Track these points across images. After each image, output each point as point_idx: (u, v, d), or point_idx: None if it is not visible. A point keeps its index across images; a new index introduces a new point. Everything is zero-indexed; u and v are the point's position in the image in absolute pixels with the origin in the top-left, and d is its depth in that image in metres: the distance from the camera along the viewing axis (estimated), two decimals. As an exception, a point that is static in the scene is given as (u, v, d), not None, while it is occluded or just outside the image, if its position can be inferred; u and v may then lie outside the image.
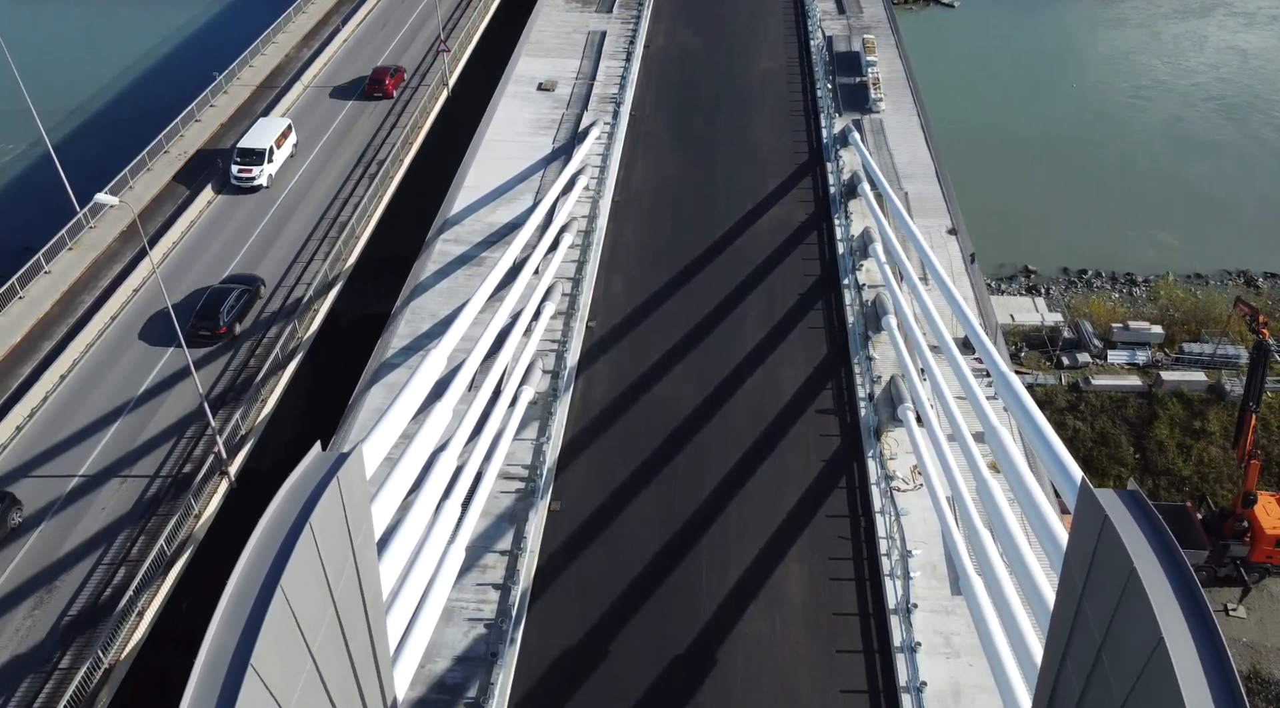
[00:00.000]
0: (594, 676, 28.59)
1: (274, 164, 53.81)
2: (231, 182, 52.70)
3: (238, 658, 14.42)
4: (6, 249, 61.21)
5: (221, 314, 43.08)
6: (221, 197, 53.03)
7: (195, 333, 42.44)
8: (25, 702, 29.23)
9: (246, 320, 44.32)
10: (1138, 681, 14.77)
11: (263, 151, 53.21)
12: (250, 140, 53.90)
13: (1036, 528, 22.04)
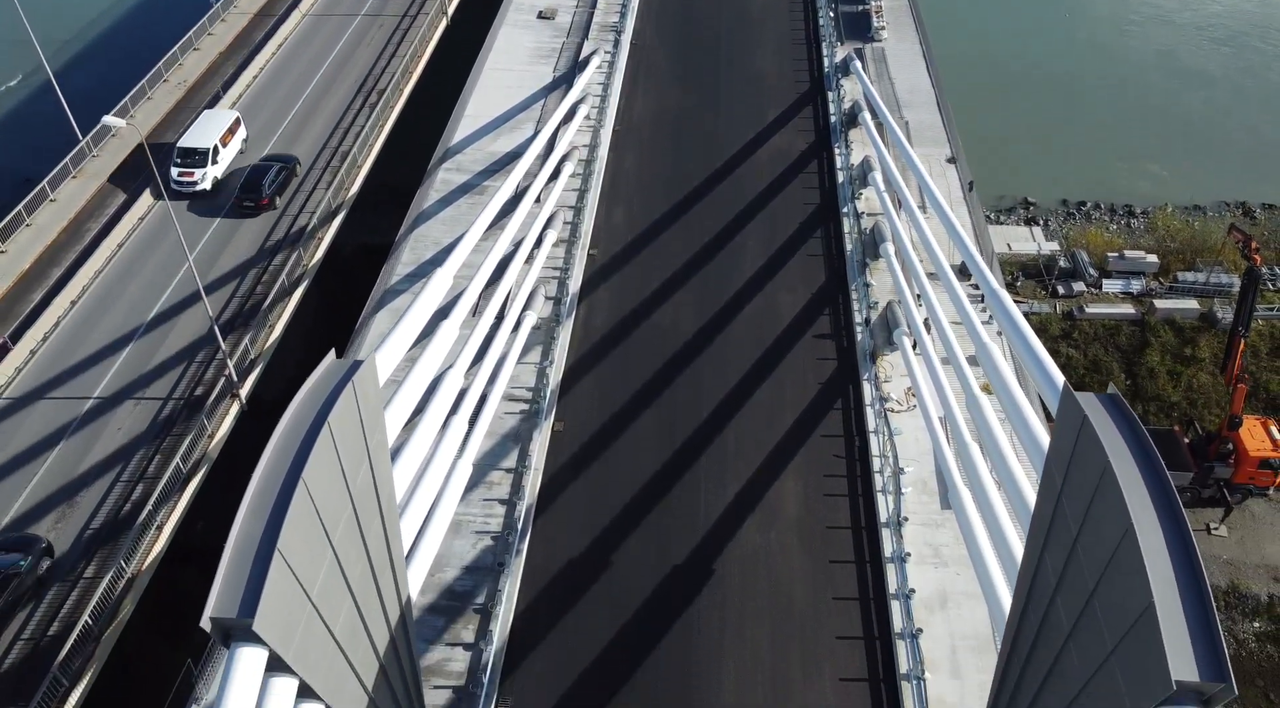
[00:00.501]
0: (596, 584, 29.86)
1: (219, 165, 48.01)
2: (172, 186, 46.57)
3: (265, 544, 15.37)
4: (8, 181, 61.44)
5: (264, 186, 46.51)
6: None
7: (240, 205, 46.48)
8: (53, 608, 30.58)
9: (286, 194, 47.64)
10: (1107, 567, 15.75)
11: (206, 151, 47.44)
12: (192, 138, 48.04)
13: (1025, 442, 22.88)
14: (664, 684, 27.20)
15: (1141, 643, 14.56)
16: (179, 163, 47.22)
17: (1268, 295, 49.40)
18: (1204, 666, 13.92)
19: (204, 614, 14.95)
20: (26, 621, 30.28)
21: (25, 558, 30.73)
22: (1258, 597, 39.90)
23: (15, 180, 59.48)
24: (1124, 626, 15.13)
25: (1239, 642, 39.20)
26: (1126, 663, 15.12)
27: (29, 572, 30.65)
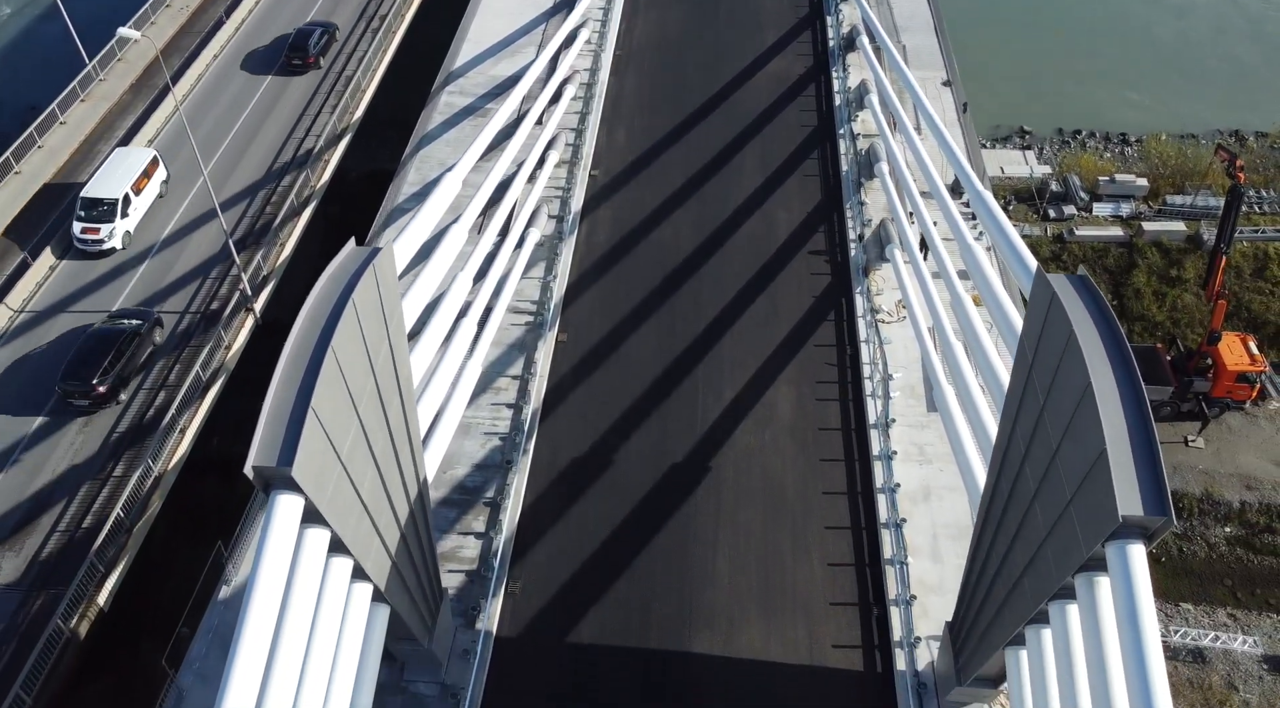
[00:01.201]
0: (599, 480, 31.53)
1: (131, 218, 41.16)
2: (75, 245, 40.28)
3: (300, 402, 16.86)
4: (9, 109, 61.99)
5: (310, 46, 51.38)
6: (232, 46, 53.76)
7: (289, 63, 51.35)
8: (85, 503, 32.33)
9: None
10: (1069, 424, 17.27)
11: (114, 202, 40.40)
12: (98, 187, 40.74)
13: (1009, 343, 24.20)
14: (661, 568, 28.99)
15: (1095, 486, 16.16)
16: (82, 217, 40.16)
17: (1254, 218, 50.50)
18: (1148, 502, 15.54)
19: (247, 464, 16.51)
20: (62, 513, 32.08)
21: (143, 324, 36.74)
22: (1230, 503, 41.75)
23: (19, 108, 60.10)
24: (1081, 474, 16.70)
25: (1210, 545, 41.17)
26: (1082, 508, 16.72)
27: (147, 334, 36.68)
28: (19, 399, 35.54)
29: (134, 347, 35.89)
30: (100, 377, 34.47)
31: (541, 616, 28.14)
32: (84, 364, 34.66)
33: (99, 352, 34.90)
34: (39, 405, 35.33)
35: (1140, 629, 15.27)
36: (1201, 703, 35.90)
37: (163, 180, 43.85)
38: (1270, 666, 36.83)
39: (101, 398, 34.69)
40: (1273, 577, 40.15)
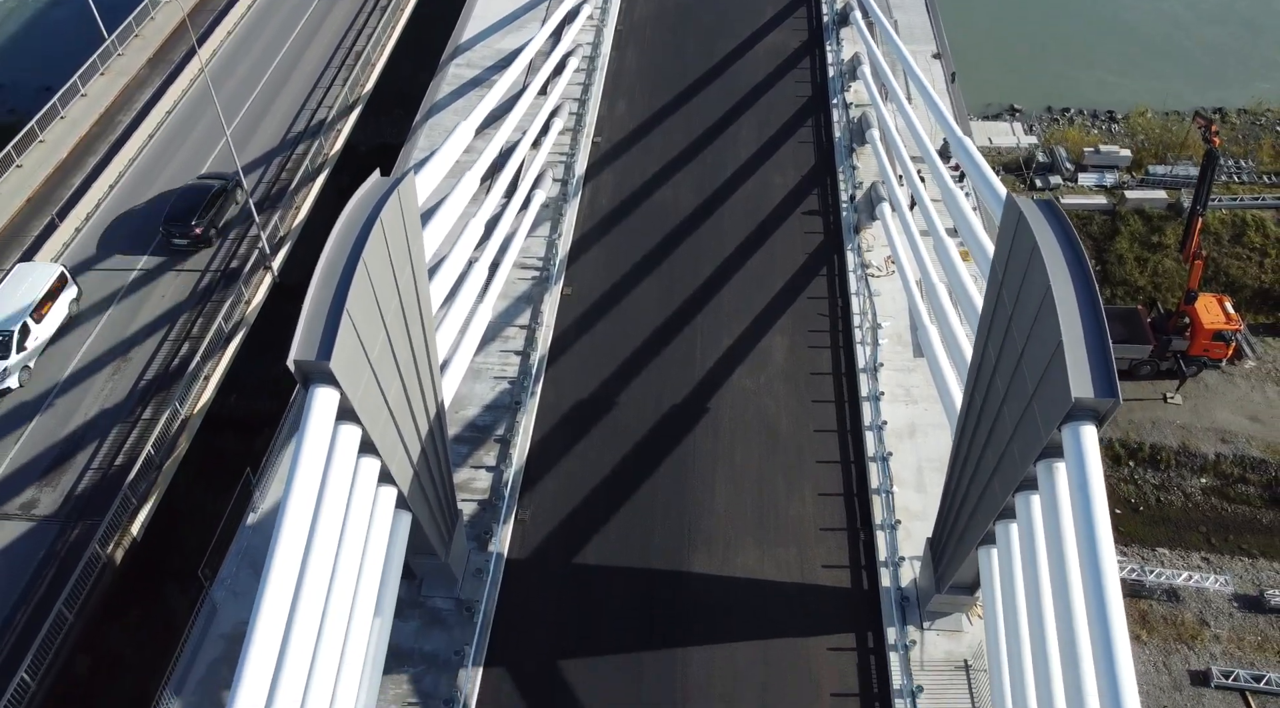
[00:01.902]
0: (603, 421, 33.32)
1: (27, 351, 35.11)
2: None
3: (335, 304, 18.69)
4: (27, 89, 63.72)
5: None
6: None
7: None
8: (116, 443, 34.11)
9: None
10: (1033, 326, 19.07)
11: (8, 335, 34.32)
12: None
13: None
14: (662, 499, 30.80)
15: (1052, 377, 18.01)
16: None
17: (1233, 187, 52.30)
18: (1098, 385, 17.37)
19: (289, 358, 18.32)
20: (94, 453, 33.87)
21: (226, 182, 43.03)
22: (1205, 456, 43.55)
23: (34, 88, 61.78)
24: (1041, 369, 18.53)
25: (1186, 495, 43.00)
26: (1043, 398, 18.55)
27: (231, 191, 43.09)
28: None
29: (220, 201, 42.43)
30: (197, 220, 41.18)
31: (549, 541, 29.95)
32: (182, 212, 41.57)
33: (193, 204, 41.77)
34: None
35: (1091, 504, 17.05)
36: (1174, 638, 37.73)
37: (72, 298, 37.91)
38: (1240, 603, 38.66)
39: (198, 239, 41.35)
40: (1245, 524, 41.95)
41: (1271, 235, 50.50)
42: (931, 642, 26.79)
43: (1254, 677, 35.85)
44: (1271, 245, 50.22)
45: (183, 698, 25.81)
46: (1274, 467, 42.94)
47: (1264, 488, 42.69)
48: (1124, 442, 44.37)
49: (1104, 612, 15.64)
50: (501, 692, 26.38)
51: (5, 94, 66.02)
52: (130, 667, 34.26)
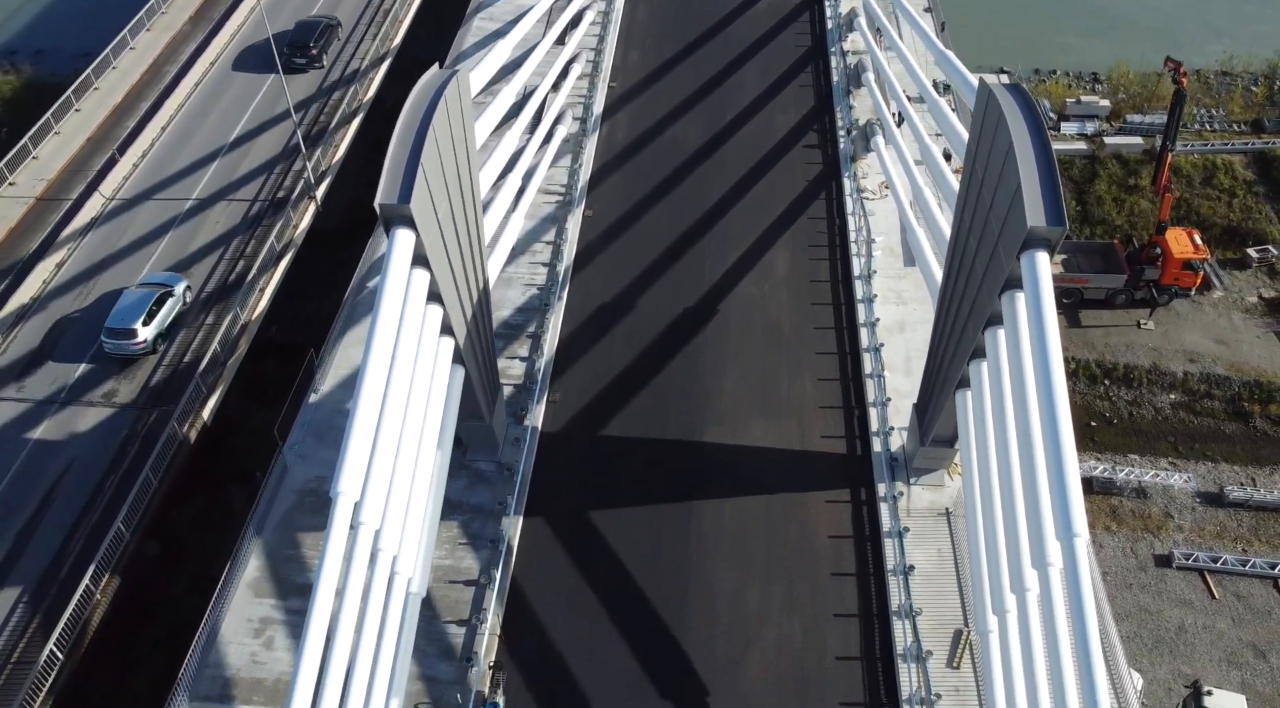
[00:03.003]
0: (623, 322, 36.95)
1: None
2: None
3: (412, 158, 22.37)
4: (66, 54, 67.18)
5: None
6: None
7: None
8: (184, 344, 37.79)
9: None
10: (998, 181, 22.70)
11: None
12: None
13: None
14: (677, 385, 34.43)
15: (1013, 216, 21.62)
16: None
17: (1205, 134, 55.93)
18: (1049, 216, 20.99)
19: (375, 201, 21.98)
20: (165, 351, 37.51)
21: (331, 20, 51.66)
22: (1175, 374, 47.12)
23: (75, 53, 65.27)
24: (1004, 211, 22.16)
25: (1156, 410, 46.58)
26: (1005, 237, 22.17)
27: (334, 29, 51.41)
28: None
29: (327, 34, 52.44)
30: (314, 43, 51.21)
31: (577, 417, 33.62)
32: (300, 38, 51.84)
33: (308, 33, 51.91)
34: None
35: (1044, 319, 20.65)
36: (1142, 528, 41.36)
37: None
38: (1201, 499, 42.25)
39: (313, 58, 52.49)
40: (1209, 434, 45.53)
41: (1239, 178, 54.13)
42: (917, 494, 30.47)
43: (1211, 558, 39.49)
44: (1239, 187, 53.85)
45: (262, 538, 29.46)
46: (1237, 383, 46.52)
47: (1227, 402, 46.29)
48: (1100, 363, 47.96)
49: (1055, 420, 19.14)
50: (539, 536, 30.05)
51: (45, 59, 69.39)
52: (192, 554, 37.88)
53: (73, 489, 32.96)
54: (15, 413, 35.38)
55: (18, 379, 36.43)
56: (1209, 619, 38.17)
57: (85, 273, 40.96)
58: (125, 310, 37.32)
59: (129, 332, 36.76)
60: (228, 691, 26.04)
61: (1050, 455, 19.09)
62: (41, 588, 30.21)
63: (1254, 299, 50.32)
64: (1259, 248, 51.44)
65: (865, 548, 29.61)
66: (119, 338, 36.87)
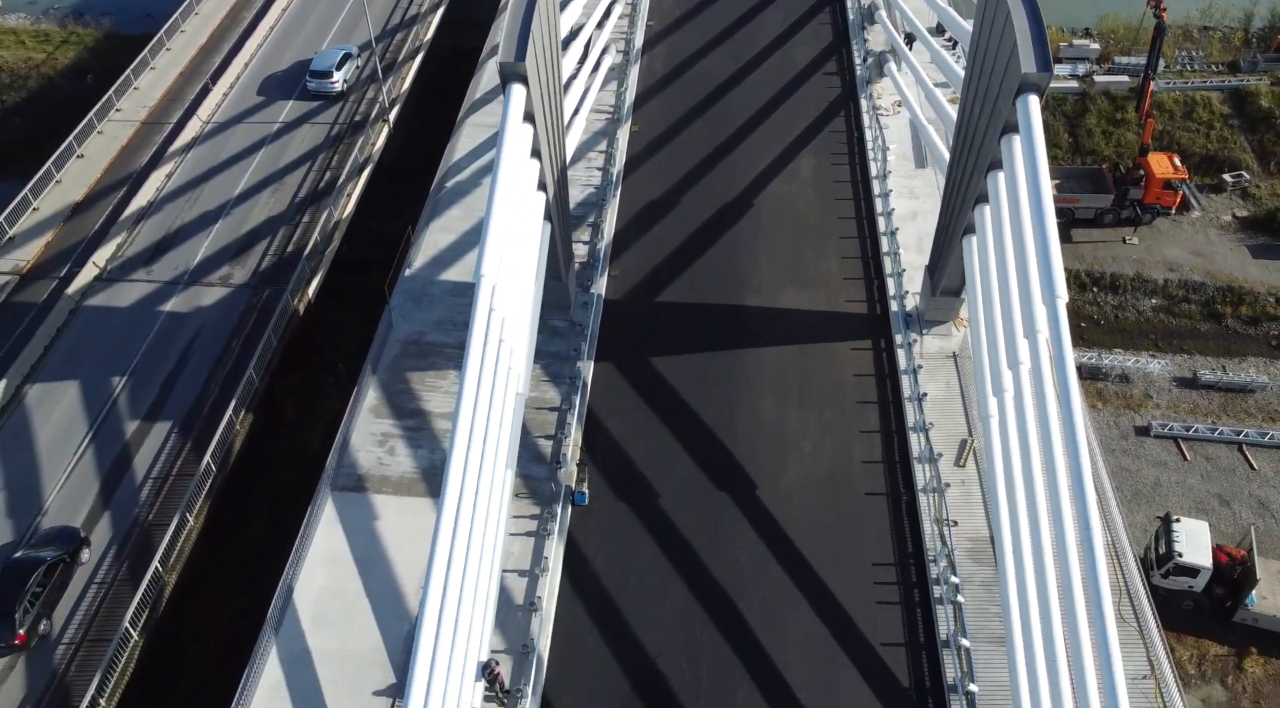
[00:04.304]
0: (670, 213, 42.40)
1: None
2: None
3: (524, 27, 27.76)
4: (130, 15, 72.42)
5: None
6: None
7: None
8: (286, 237, 43.24)
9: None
10: (998, 48, 28.05)
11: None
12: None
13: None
14: (718, 263, 39.87)
15: (1010, 67, 26.92)
16: None
17: (1185, 74, 61.33)
18: (1039, 63, 26.32)
19: (497, 59, 27.40)
20: (270, 242, 42.99)
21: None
22: (1156, 281, 52.47)
23: (138, 14, 70.61)
24: (1004, 66, 27.49)
25: (1139, 312, 51.95)
26: (1004, 87, 27.49)
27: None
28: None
29: None
30: None
31: (634, 289, 39.09)
32: None
33: None
34: (235, 181, 46.40)
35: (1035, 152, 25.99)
36: (1124, 406, 46.75)
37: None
38: (1177, 383, 47.61)
39: None
40: (1186, 332, 50.89)
41: (1217, 112, 59.44)
42: (928, 342, 35.91)
43: (1185, 427, 44.89)
44: (1216, 120, 59.15)
45: (377, 376, 34.92)
46: (1211, 289, 51.88)
47: (1202, 305, 51.65)
48: (1089, 272, 53.34)
49: (1043, 225, 24.53)
50: (607, 375, 35.54)
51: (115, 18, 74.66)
52: (290, 425, 43.25)
53: (205, 349, 38.42)
54: (147, 292, 40.85)
55: (145, 265, 41.90)
56: (1181, 477, 43.59)
57: (191, 182, 46.43)
58: (324, 58, 52.04)
59: (327, 73, 50.99)
60: (361, 484, 31.54)
61: (1038, 243, 24.53)
62: (189, 421, 35.70)
63: (1228, 218, 55.66)
64: (1233, 173, 56.74)
65: (885, 383, 35.09)
66: (320, 78, 51.08)
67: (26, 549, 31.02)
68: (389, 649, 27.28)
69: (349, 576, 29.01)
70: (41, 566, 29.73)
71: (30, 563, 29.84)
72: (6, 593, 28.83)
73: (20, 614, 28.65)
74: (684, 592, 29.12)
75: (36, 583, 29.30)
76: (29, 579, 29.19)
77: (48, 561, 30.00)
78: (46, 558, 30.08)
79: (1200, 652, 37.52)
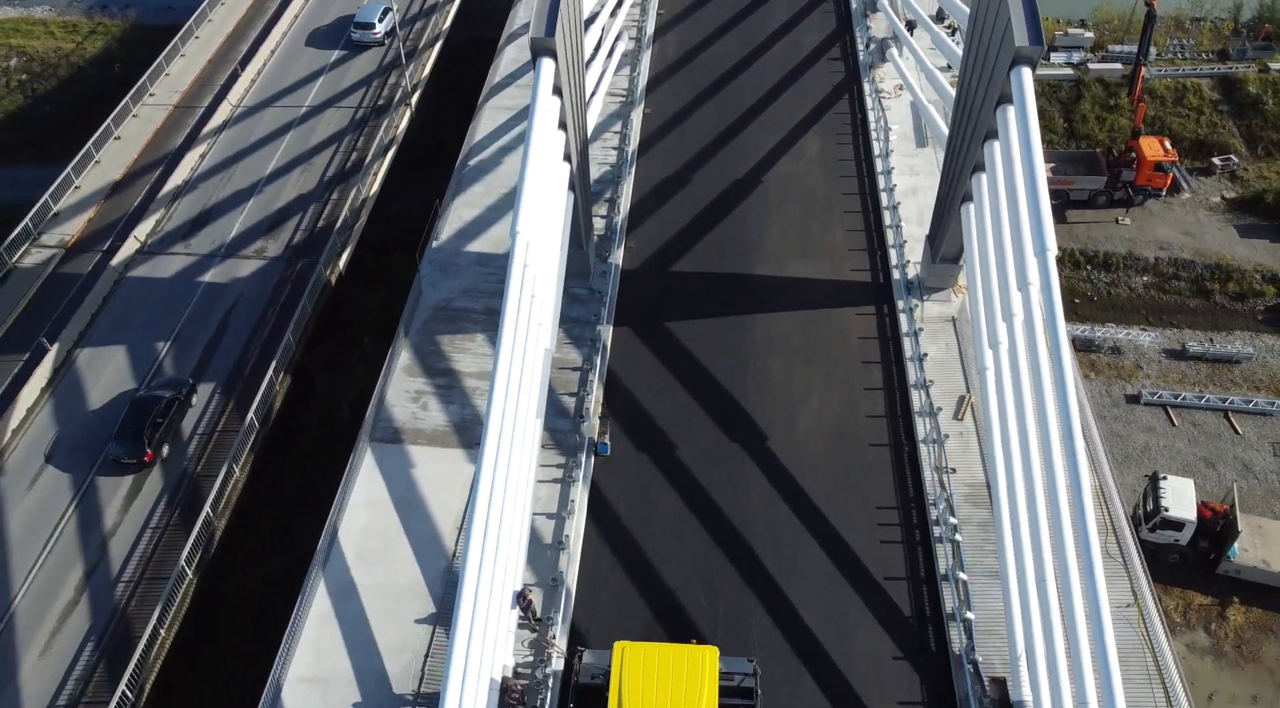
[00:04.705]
0: (683, 189, 44.52)
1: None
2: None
3: (554, 3, 29.86)
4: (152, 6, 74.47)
5: None
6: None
7: None
8: (316, 214, 45.39)
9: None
10: (995, 23, 30.16)
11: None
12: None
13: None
14: (730, 236, 42.01)
15: (1005, 43, 29.07)
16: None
17: (1176, 62, 63.50)
18: (1031, 38, 28.48)
19: (528, 35, 29.54)
20: (301, 219, 45.13)
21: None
22: (1147, 259, 54.63)
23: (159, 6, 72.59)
24: (999, 42, 29.64)
25: (1131, 289, 54.10)
26: (999, 60, 29.62)
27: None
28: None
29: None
30: None
31: (649, 259, 41.24)
32: None
33: None
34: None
35: (1027, 121, 28.14)
36: (1116, 376, 48.89)
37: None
38: (1166, 354, 49.74)
39: None
40: (1175, 307, 53.01)
41: (1206, 98, 61.57)
42: (928, 307, 38.06)
43: (1173, 395, 47.04)
44: (1206, 106, 61.30)
45: (409, 339, 37.06)
46: (1200, 266, 54.02)
47: (1192, 282, 53.79)
48: (1083, 251, 55.48)
49: (1034, 186, 26.68)
50: (626, 339, 37.69)
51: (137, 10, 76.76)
52: (319, 393, 45.36)
53: (243, 317, 40.59)
54: (186, 264, 43.01)
55: (184, 239, 44.06)
56: (1169, 441, 45.74)
57: (224, 162, 48.60)
58: (367, 10, 57.41)
59: (370, 25, 56.54)
60: (397, 436, 33.69)
61: (1030, 202, 26.69)
62: (231, 382, 37.87)
63: (1217, 200, 57.80)
64: (1222, 157, 58.88)
65: (888, 345, 37.26)
66: (363, 29, 56.69)
67: (148, 390, 37.10)
68: (428, 583, 29.44)
69: (388, 517, 31.18)
70: (161, 402, 35.83)
71: (152, 400, 36.03)
72: (137, 421, 35.12)
73: (149, 435, 34.77)
74: (701, 532, 31.27)
75: (158, 414, 35.49)
76: (152, 411, 35.55)
77: (165, 398, 36.07)
78: (165, 396, 36.21)
79: (1186, 602, 39.69)
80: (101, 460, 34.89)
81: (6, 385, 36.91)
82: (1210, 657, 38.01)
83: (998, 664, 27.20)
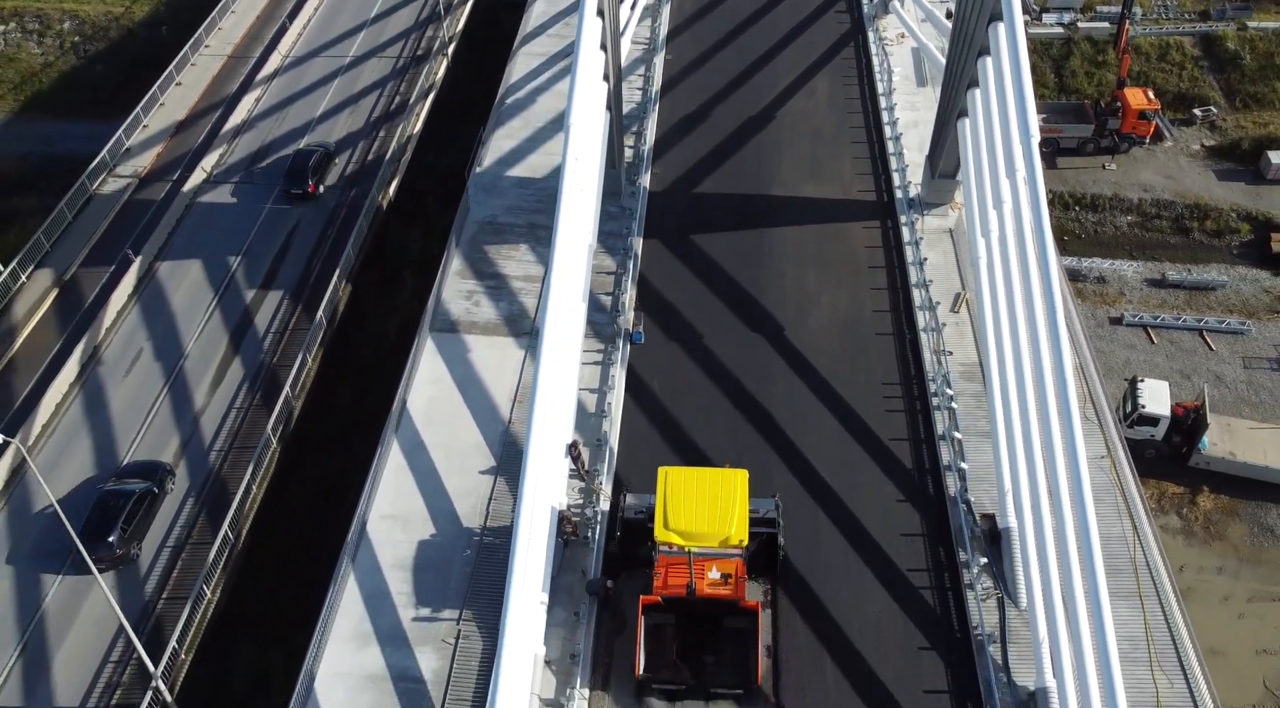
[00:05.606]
0: (704, 123, 48.61)
1: None
2: None
3: (599, -62, 33.93)
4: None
5: None
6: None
7: None
8: (365, 149, 49.45)
9: None
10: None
11: None
12: None
13: None
14: (747, 163, 46.08)
15: None
16: None
17: (1161, 20, 67.63)
18: (1012, -28, 32.46)
19: (577, -37, 33.56)
20: (350, 155, 49.16)
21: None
22: (1131, 200, 58.70)
23: None
24: None
25: (1116, 227, 58.20)
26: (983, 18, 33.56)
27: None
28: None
29: None
30: None
31: (675, 182, 45.33)
32: None
33: None
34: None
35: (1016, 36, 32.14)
36: (1101, 302, 52.97)
37: None
38: (1148, 282, 53.87)
39: None
40: (1157, 244, 57.09)
41: (1188, 54, 65.63)
42: (928, 221, 42.13)
43: (1153, 317, 51.12)
44: (1188, 61, 65.36)
45: (460, 250, 41.14)
46: (1180, 206, 58.08)
47: (1172, 221, 57.87)
48: (1071, 193, 59.55)
49: (1022, 95, 30.66)
50: (655, 249, 41.79)
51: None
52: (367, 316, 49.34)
53: (305, 234, 44.76)
54: (249, 192, 47.09)
55: (246, 170, 48.15)
56: (1149, 357, 49.83)
57: (278, 105, 52.79)
58: None
59: None
60: (454, 327, 37.77)
61: (1016, 98, 30.72)
62: (297, 290, 41.99)
63: (1197, 147, 61.86)
64: (1202, 108, 62.94)
65: (891, 252, 41.34)
66: None
67: None
68: (488, 443, 33.50)
69: (450, 391, 35.26)
70: None
71: None
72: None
73: None
74: (726, 405, 35.34)
75: None
76: None
77: None
78: None
79: (1161, 491, 43.77)
80: (184, 358, 39.08)
81: (98, 290, 41.02)
82: (1182, 536, 42.12)
83: (987, 503, 31.25)
